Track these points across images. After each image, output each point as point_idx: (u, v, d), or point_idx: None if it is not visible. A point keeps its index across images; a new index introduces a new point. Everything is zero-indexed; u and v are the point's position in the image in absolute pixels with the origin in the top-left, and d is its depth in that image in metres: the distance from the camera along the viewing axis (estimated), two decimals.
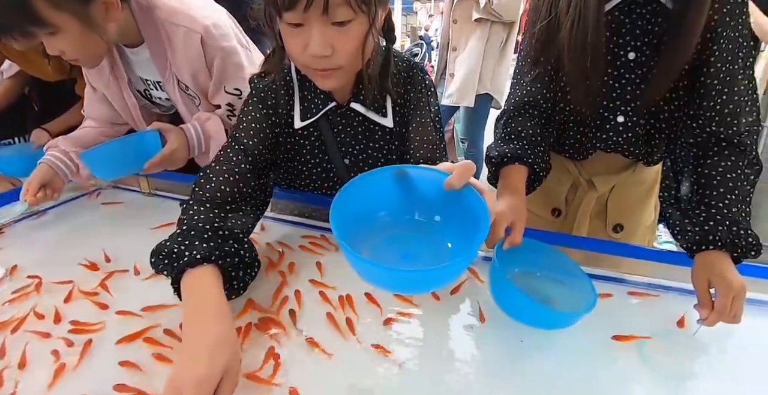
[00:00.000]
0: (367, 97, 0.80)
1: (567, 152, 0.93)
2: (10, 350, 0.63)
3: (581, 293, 0.64)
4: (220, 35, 0.98)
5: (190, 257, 0.61)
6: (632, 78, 0.79)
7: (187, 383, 0.48)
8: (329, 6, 0.60)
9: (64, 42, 0.86)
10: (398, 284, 0.57)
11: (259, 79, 0.83)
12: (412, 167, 0.60)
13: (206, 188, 0.73)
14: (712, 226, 0.68)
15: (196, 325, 0.56)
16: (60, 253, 0.90)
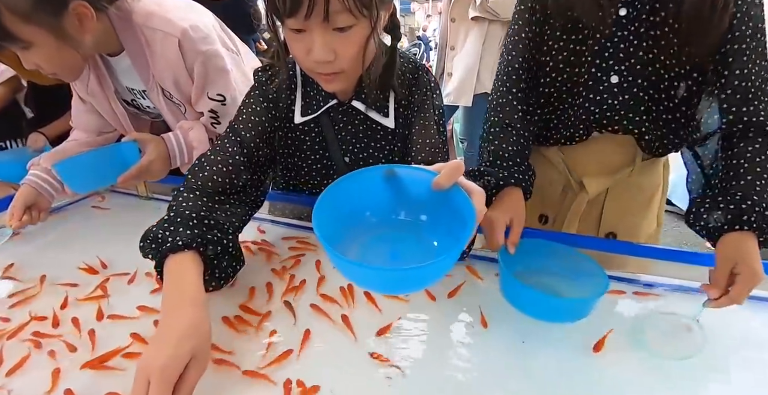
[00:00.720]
0: (369, 95, 0.79)
1: (557, 135, 0.89)
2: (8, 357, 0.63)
3: (592, 283, 0.65)
4: (200, 38, 0.94)
5: (173, 242, 0.64)
6: (625, 35, 0.78)
7: (153, 368, 0.49)
8: (330, 13, 0.60)
9: (39, 56, 0.84)
10: (384, 284, 0.56)
11: (262, 72, 0.83)
12: (401, 166, 0.58)
13: (198, 177, 0.74)
14: (743, 208, 0.65)
15: (171, 309, 0.58)
16: (58, 257, 0.89)
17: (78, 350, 0.64)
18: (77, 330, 0.68)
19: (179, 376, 0.50)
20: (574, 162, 0.92)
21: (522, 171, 0.79)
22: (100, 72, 1.02)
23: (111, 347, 0.63)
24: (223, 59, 0.98)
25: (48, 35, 0.81)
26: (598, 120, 0.84)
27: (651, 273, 0.80)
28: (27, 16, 0.77)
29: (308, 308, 0.71)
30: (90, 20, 0.85)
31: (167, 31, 0.92)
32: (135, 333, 0.65)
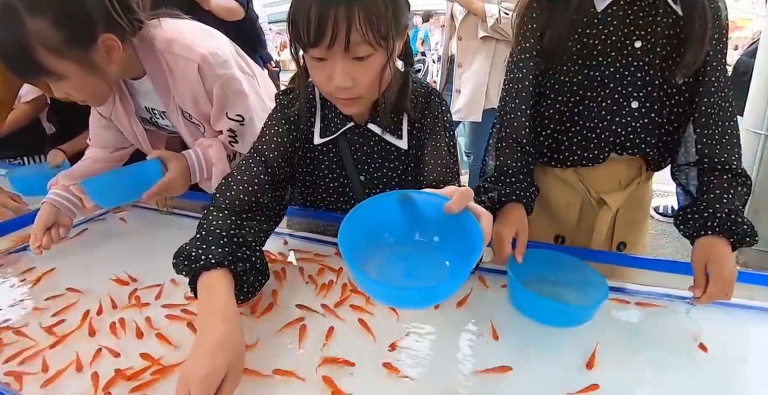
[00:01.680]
0: (384, 119, 0.84)
1: (573, 158, 0.93)
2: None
3: (593, 291, 0.71)
4: (218, 63, 0.99)
5: (206, 261, 0.67)
6: (640, 65, 0.85)
7: (193, 379, 0.53)
8: (350, 44, 0.66)
9: (69, 86, 0.88)
10: (399, 300, 0.62)
11: (284, 95, 0.88)
12: (415, 191, 0.63)
13: (226, 195, 0.78)
14: (711, 213, 0.78)
15: (205, 325, 0.62)
16: (87, 270, 0.93)
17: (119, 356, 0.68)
18: (115, 336, 0.72)
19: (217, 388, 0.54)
20: (590, 181, 0.96)
21: (524, 188, 0.85)
22: (123, 94, 1.07)
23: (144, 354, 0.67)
24: (240, 82, 1.03)
25: (78, 67, 0.85)
26: (621, 143, 0.89)
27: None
28: (58, 51, 0.81)
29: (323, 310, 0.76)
30: (117, 51, 0.89)
31: (188, 56, 0.96)
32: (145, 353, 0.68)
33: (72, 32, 0.81)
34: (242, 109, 1.04)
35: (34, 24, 0.77)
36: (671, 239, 2.85)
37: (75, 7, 0.81)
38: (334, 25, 0.65)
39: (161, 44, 0.96)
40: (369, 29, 0.66)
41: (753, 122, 2.20)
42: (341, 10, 0.64)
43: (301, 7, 0.66)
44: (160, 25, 0.97)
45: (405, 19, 0.73)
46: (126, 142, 1.21)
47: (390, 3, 0.68)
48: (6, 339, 0.72)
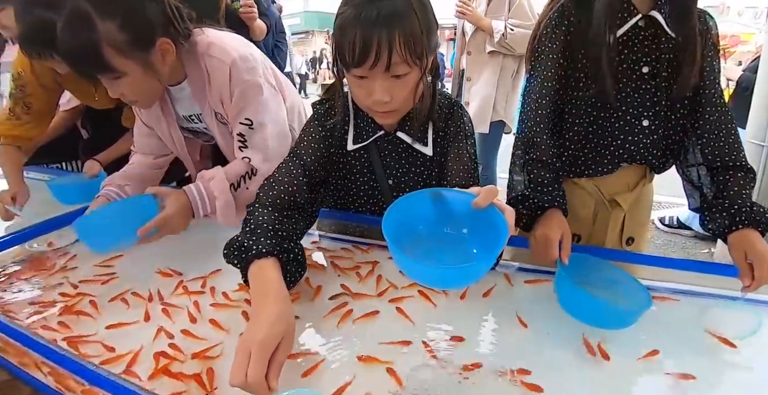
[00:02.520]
0: (412, 128, 0.92)
1: (589, 170, 1.02)
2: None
3: (634, 296, 0.76)
4: (246, 68, 1.05)
5: (257, 250, 0.74)
6: (648, 88, 0.95)
7: (254, 342, 0.59)
8: (391, 65, 0.74)
9: (126, 86, 0.97)
10: (436, 279, 0.69)
11: (320, 104, 0.96)
12: (446, 189, 0.73)
13: (269, 194, 0.86)
14: (737, 209, 0.86)
15: (260, 305, 0.67)
16: (129, 265, 1.01)
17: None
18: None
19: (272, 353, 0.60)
20: (603, 185, 1.05)
21: (561, 195, 0.92)
22: (164, 101, 1.15)
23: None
24: (261, 90, 1.09)
25: (137, 67, 0.95)
26: (632, 156, 0.99)
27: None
28: (123, 50, 0.91)
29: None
30: (170, 55, 1.00)
31: (221, 58, 1.04)
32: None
33: (135, 35, 0.92)
34: (252, 113, 1.08)
35: (104, 26, 0.88)
36: (677, 249, 2.91)
37: (139, 14, 0.93)
38: (378, 49, 0.73)
39: (202, 48, 1.05)
40: (407, 51, 0.74)
41: (755, 134, 2.27)
42: (383, 34, 0.73)
43: (346, 31, 0.75)
44: (203, 32, 1.07)
45: (436, 37, 0.82)
46: (166, 149, 1.29)
47: (425, 24, 0.76)
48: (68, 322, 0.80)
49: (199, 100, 1.11)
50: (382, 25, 0.73)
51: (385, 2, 0.74)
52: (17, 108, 1.34)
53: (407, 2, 0.75)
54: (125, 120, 1.58)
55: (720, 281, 0.87)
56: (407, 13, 0.75)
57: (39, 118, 1.39)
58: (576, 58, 0.94)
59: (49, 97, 1.40)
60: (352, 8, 0.75)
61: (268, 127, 1.09)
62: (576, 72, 0.95)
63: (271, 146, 1.10)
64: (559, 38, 0.94)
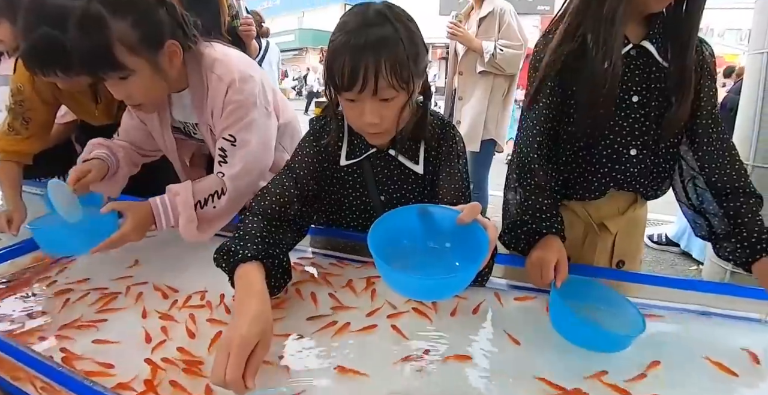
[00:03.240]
0: (403, 145, 0.96)
1: (578, 194, 1.03)
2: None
3: (627, 319, 0.77)
4: (242, 89, 1.07)
5: (243, 254, 0.78)
6: (638, 117, 0.95)
7: (232, 342, 0.62)
8: (378, 89, 0.79)
9: (134, 86, 1.00)
10: (420, 291, 0.72)
11: (316, 121, 1.00)
12: (431, 205, 0.76)
13: (260, 204, 0.90)
14: (758, 238, 0.86)
15: (241, 304, 0.71)
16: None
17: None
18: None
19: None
20: (593, 209, 1.06)
21: (560, 222, 0.93)
22: (162, 104, 1.18)
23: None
24: (252, 110, 1.10)
25: (146, 66, 0.98)
26: (620, 183, 1.00)
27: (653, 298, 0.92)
28: (133, 48, 0.95)
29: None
30: (177, 58, 1.03)
31: (222, 76, 1.07)
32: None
33: (146, 33, 0.96)
34: (237, 131, 1.09)
35: (117, 25, 0.92)
36: (666, 266, 2.94)
37: (150, 14, 0.97)
38: (365, 74, 0.77)
39: (207, 61, 1.08)
40: (393, 76, 0.78)
41: (739, 153, 2.33)
42: (370, 60, 0.77)
43: (336, 58, 0.79)
44: (212, 47, 1.10)
45: (424, 62, 0.86)
46: (151, 146, 1.30)
47: (411, 51, 0.81)
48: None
49: (198, 111, 1.14)
50: (369, 51, 0.77)
51: (374, 30, 0.78)
52: (16, 123, 1.34)
53: (395, 30, 0.79)
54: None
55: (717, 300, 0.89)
56: (394, 41, 0.79)
57: (38, 132, 1.39)
58: (567, 86, 0.96)
59: (48, 111, 1.40)
60: (344, 35, 0.80)
61: (251, 146, 1.10)
62: (568, 99, 0.97)
63: (248, 165, 1.10)
64: (555, 67, 0.95)
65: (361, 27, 0.79)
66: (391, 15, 0.81)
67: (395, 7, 0.84)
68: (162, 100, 1.11)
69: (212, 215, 1.08)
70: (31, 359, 0.66)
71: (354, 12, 0.83)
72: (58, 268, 1.06)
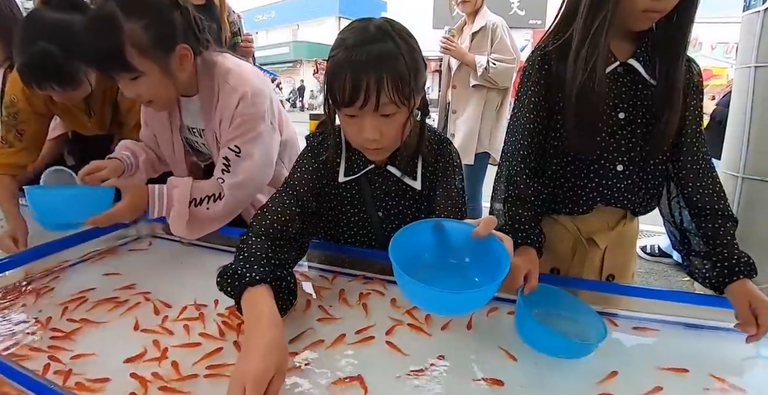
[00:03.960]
0: (402, 162, 0.96)
1: (566, 208, 1.03)
2: None
3: (592, 328, 0.77)
4: (253, 103, 1.11)
5: (251, 277, 0.75)
6: (624, 134, 0.96)
7: (248, 376, 0.59)
8: (380, 105, 0.78)
9: (144, 86, 1.03)
10: (441, 305, 0.72)
11: (314, 137, 1.00)
12: (446, 220, 0.77)
13: (262, 224, 0.88)
14: (736, 260, 0.87)
15: (254, 332, 0.68)
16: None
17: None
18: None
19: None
20: (581, 223, 1.06)
21: (536, 234, 0.93)
22: (173, 109, 1.21)
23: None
24: (260, 124, 1.14)
25: (156, 69, 1.01)
26: (606, 199, 1.00)
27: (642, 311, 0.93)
28: (144, 51, 0.97)
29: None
30: (188, 61, 1.05)
31: (235, 86, 1.10)
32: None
33: (157, 36, 0.98)
34: (242, 143, 1.12)
35: (129, 26, 0.94)
36: (659, 277, 2.95)
37: (163, 17, 1.00)
38: (366, 90, 0.77)
39: (220, 70, 1.11)
40: (395, 92, 0.78)
41: (729, 166, 2.36)
42: (372, 76, 0.77)
43: (337, 73, 0.79)
44: (224, 57, 1.13)
45: (423, 78, 0.86)
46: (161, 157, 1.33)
47: (412, 67, 0.81)
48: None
49: (206, 117, 1.16)
50: (371, 67, 0.77)
51: (375, 46, 0.78)
52: (9, 135, 1.33)
53: (396, 45, 0.79)
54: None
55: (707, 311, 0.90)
56: (395, 56, 0.79)
57: (32, 144, 1.38)
58: (554, 102, 0.97)
59: (42, 122, 1.40)
60: (344, 51, 0.79)
61: (255, 159, 1.14)
62: (555, 114, 0.97)
63: (250, 176, 1.14)
64: (540, 83, 0.97)
65: (362, 43, 0.79)
66: (392, 31, 0.81)
67: (395, 23, 0.85)
68: (172, 100, 1.13)
69: (204, 217, 1.12)
70: (21, 376, 0.64)
71: (354, 28, 0.83)
72: (50, 278, 1.06)
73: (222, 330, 0.85)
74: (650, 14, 0.84)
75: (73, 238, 1.16)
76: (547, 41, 0.98)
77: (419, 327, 0.85)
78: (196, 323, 0.88)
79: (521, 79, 1.03)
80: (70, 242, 1.15)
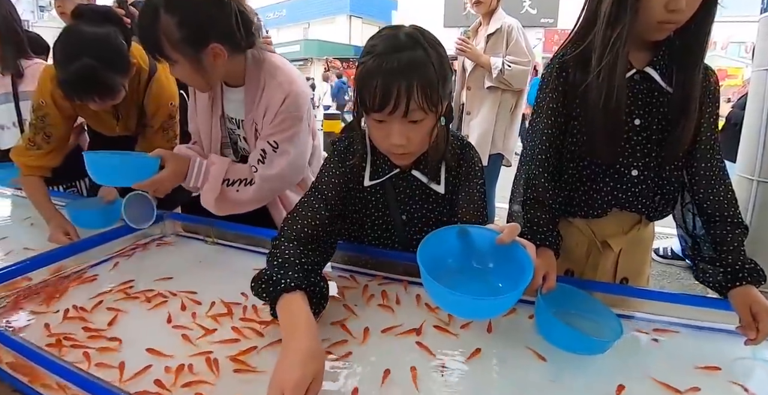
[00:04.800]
0: (426, 167, 0.98)
1: (582, 211, 1.05)
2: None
3: (608, 327, 0.80)
4: (297, 103, 1.17)
5: (286, 284, 0.77)
6: (639, 139, 0.97)
7: (288, 384, 0.61)
8: (409, 111, 0.81)
9: (178, 72, 1.12)
10: (467, 310, 0.75)
11: (340, 142, 1.02)
12: (470, 226, 0.80)
13: (293, 228, 0.91)
14: (740, 267, 0.88)
15: (292, 339, 0.70)
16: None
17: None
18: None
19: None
20: (597, 228, 1.08)
21: (554, 236, 0.96)
22: (216, 95, 1.27)
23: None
24: (300, 125, 1.20)
25: (187, 61, 1.07)
26: (621, 204, 1.02)
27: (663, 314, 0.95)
28: (175, 44, 1.04)
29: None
30: (222, 59, 1.10)
31: (283, 84, 1.16)
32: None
33: (188, 34, 1.04)
34: (282, 140, 1.18)
35: (165, 20, 1.02)
36: (672, 280, 2.95)
37: (198, 16, 1.05)
38: (397, 97, 0.79)
39: (269, 67, 1.18)
40: (424, 99, 0.81)
41: (744, 169, 2.35)
42: (403, 83, 0.79)
43: (368, 80, 0.81)
44: (272, 55, 1.20)
45: (450, 84, 0.88)
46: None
47: (441, 75, 0.83)
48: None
49: (248, 109, 1.21)
50: (401, 74, 0.79)
51: (405, 53, 0.81)
52: (38, 137, 1.38)
53: (425, 53, 0.82)
54: (140, 147, 1.60)
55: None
56: (425, 64, 0.81)
57: (58, 146, 1.43)
58: (572, 108, 0.99)
59: (68, 125, 1.45)
60: (375, 58, 0.82)
61: (289, 156, 1.20)
62: (572, 120, 0.99)
63: (282, 173, 1.20)
64: (558, 90, 0.99)
65: (393, 50, 0.81)
66: (422, 39, 0.83)
67: (425, 31, 0.87)
68: (206, 88, 1.20)
69: (232, 198, 1.19)
70: (63, 369, 0.67)
71: (384, 35, 0.85)
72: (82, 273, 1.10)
73: (253, 329, 0.88)
74: (666, 25, 0.86)
75: (105, 235, 1.22)
76: (565, 49, 1.00)
77: (445, 328, 0.87)
78: (225, 318, 0.91)
79: (540, 86, 1.05)
80: (101, 239, 1.20)
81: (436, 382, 0.74)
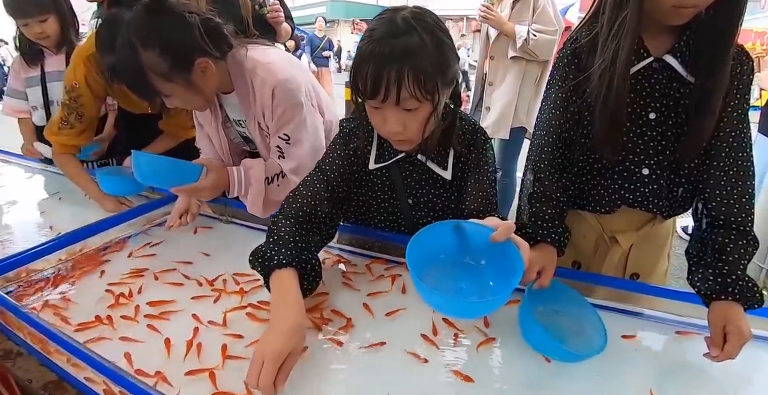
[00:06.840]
0: (431, 151, 0.97)
1: (590, 206, 1.01)
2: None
3: (595, 335, 0.79)
4: (288, 89, 1.16)
5: (279, 261, 0.82)
6: (654, 135, 0.91)
7: (268, 353, 0.68)
8: (400, 99, 0.79)
9: (176, 101, 1.11)
10: (455, 310, 0.77)
11: (347, 122, 1.03)
12: (466, 222, 0.78)
13: (292, 207, 0.94)
14: (734, 280, 0.80)
15: (278, 313, 0.77)
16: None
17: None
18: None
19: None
20: (606, 222, 1.05)
21: (558, 233, 0.92)
22: (214, 105, 1.28)
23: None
24: (301, 110, 1.19)
25: (181, 88, 1.07)
26: (629, 202, 0.97)
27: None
28: (166, 76, 1.03)
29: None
30: (211, 71, 1.10)
31: (265, 78, 1.14)
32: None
33: (174, 59, 1.02)
34: (290, 131, 1.20)
35: (147, 56, 1.00)
36: None
37: (174, 39, 1.02)
38: (387, 84, 0.78)
39: (249, 64, 1.16)
40: (416, 87, 0.79)
41: None
42: (393, 71, 0.77)
43: (361, 66, 0.81)
44: (249, 49, 1.17)
45: (452, 71, 0.85)
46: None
47: (437, 61, 0.80)
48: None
49: (245, 110, 1.22)
50: (393, 61, 0.77)
51: (400, 39, 0.78)
52: (71, 117, 1.46)
53: (421, 40, 0.78)
54: (163, 124, 1.69)
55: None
56: (419, 51, 0.78)
57: (89, 125, 1.53)
58: (582, 98, 0.93)
59: (98, 106, 1.54)
60: (370, 43, 0.80)
61: (304, 144, 1.21)
62: (584, 110, 0.94)
63: (304, 161, 1.21)
64: (569, 78, 0.93)
65: (387, 35, 0.79)
66: (418, 24, 0.80)
67: (425, 14, 0.83)
68: (206, 105, 1.20)
69: (274, 195, 1.23)
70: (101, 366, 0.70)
71: (383, 18, 0.83)
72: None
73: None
74: (682, 10, 0.78)
75: (123, 215, 1.28)
76: (580, 32, 0.94)
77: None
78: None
79: (551, 72, 1.00)
80: (117, 220, 1.26)
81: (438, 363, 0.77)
